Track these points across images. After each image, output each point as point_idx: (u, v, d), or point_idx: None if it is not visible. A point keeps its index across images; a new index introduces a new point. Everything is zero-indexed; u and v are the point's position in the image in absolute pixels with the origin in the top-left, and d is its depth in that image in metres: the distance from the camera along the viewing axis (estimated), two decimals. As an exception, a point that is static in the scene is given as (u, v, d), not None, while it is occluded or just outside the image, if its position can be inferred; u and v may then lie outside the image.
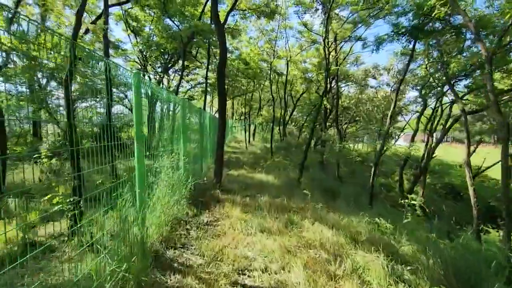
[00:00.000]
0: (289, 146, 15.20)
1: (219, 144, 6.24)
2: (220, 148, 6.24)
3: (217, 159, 6.28)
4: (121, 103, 12.24)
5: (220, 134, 6.23)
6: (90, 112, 4.26)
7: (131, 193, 2.92)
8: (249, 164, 11.47)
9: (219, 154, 6.24)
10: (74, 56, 2.64)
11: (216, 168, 6.27)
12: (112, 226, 2.66)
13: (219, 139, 6.24)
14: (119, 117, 7.10)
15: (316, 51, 18.40)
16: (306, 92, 22.45)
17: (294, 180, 7.85)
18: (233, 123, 32.32)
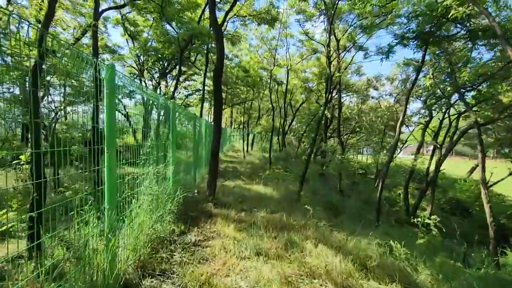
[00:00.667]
0: (288, 156, 14.70)
1: (213, 153, 5.73)
2: (214, 157, 5.73)
3: (211, 169, 5.76)
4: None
5: (214, 142, 5.73)
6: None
7: (98, 210, 2.40)
8: (246, 174, 10.93)
9: (213, 164, 5.72)
10: (46, 48, 2.18)
11: (210, 179, 5.74)
12: (67, 253, 2.12)
13: (213, 147, 5.73)
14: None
15: (317, 60, 18.17)
16: (306, 102, 22.15)
17: (294, 193, 7.31)
18: (231, 132, 31.89)
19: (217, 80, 5.74)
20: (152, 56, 12.43)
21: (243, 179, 9.95)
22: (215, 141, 5.74)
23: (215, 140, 5.73)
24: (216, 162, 5.76)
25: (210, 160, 5.76)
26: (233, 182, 9.02)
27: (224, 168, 12.38)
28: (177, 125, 4.83)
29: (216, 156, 5.76)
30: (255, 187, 8.15)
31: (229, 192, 7.17)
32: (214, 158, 5.74)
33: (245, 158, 17.82)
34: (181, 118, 8.46)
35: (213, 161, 5.72)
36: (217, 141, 5.74)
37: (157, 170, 3.98)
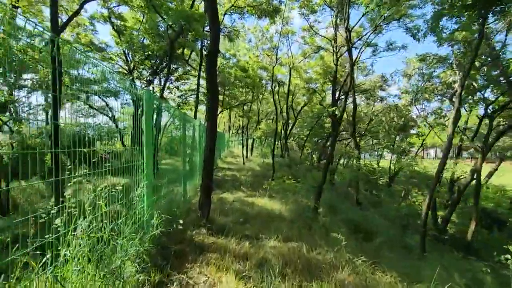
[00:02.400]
0: (292, 162, 13.35)
1: (206, 163, 4.37)
2: (207, 169, 4.37)
3: (204, 185, 4.39)
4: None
5: (208, 150, 4.38)
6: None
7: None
8: (247, 184, 9.56)
9: (206, 179, 4.36)
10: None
11: (203, 199, 4.37)
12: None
13: (206, 156, 4.38)
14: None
15: (320, 59, 16.96)
16: (308, 104, 20.89)
17: (307, 208, 5.95)
18: (229, 136, 30.55)
19: (211, 67, 4.42)
20: (140, 51, 11.13)
21: (243, 190, 8.57)
22: (209, 148, 4.39)
23: (208, 148, 4.39)
24: (209, 175, 4.40)
25: (203, 174, 4.41)
26: (232, 194, 7.64)
27: (222, 176, 11.00)
28: (151, 122, 3.47)
29: (210, 168, 4.41)
30: (260, 201, 6.77)
31: (227, 209, 5.79)
32: (207, 170, 4.38)
33: (244, 165, 16.43)
34: (170, 118, 7.13)
35: (206, 174, 4.37)
36: (210, 148, 4.40)
37: (117, 190, 2.63)
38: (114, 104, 15.49)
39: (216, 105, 4.53)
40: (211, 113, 4.48)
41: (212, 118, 4.47)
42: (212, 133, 4.41)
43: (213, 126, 4.44)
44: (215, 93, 4.48)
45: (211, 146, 4.40)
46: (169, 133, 11.47)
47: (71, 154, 2.24)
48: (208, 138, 4.39)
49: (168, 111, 5.76)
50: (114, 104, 14.65)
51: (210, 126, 4.43)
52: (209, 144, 4.38)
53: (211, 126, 4.43)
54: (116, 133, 10.16)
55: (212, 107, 4.45)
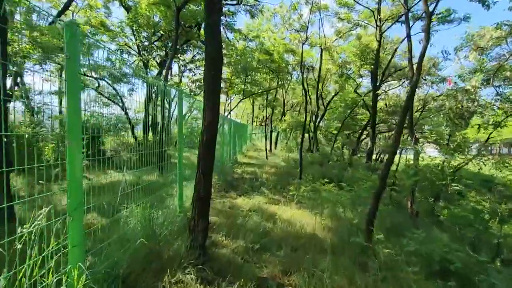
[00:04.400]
0: (325, 159, 11.43)
1: (203, 168, 2.73)
2: (203, 173, 2.72)
3: (197, 201, 2.75)
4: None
5: (205, 147, 2.73)
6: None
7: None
8: (269, 184, 7.91)
9: (203, 190, 2.71)
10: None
11: (195, 219, 2.74)
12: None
13: (203, 158, 2.73)
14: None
15: (356, 39, 14.62)
16: (340, 92, 18.58)
17: (353, 227, 4.17)
18: (252, 129, 29.02)
19: (212, 13, 2.75)
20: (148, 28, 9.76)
21: (264, 192, 6.93)
22: (207, 145, 2.75)
23: (206, 143, 2.75)
24: (206, 184, 2.75)
25: (196, 182, 2.78)
26: (250, 199, 6.02)
27: (241, 174, 9.43)
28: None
29: (207, 173, 2.76)
30: (285, 212, 5.08)
31: (240, 223, 4.18)
32: (203, 177, 2.73)
33: (267, 160, 14.80)
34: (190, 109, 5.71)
35: (200, 182, 2.72)
36: (208, 145, 2.76)
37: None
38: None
39: (218, 81, 2.85)
40: (210, 93, 2.82)
41: (212, 101, 2.81)
42: (211, 125, 2.75)
43: (213, 113, 2.78)
44: (216, 62, 2.81)
45: (210, 142, 2.76)
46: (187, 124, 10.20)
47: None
48: (206, 130, 2.74)
49: (189, 102, 4.34)
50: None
51: (209, 113, 2.78)
52: (207, 139, 2.74)
53: (211, 114, 2.77)
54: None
55: (213, 84, 2.79)
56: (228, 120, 12.34)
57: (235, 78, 15.73)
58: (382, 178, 3.55)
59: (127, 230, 3.28)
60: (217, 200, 5.62)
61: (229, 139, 11.41)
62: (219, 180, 7.07)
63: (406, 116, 3.72)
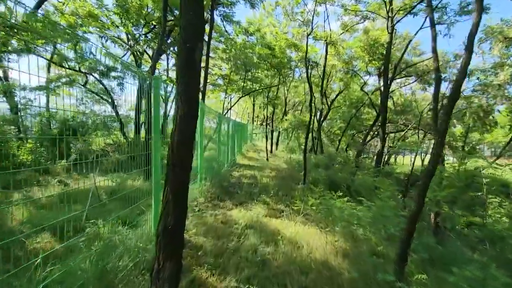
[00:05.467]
0: (331, 161, 10.52)
1: (174, 183, 1.85)
2: (175, 195, 1.85)
3: (166, 232, 1.85)
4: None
5: (178, 147, 1.87)
6: None
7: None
8: (270, 190, 7.03)
9: (170, 214, 1.83)
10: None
11: (162, 262, 1.85)
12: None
13: (175, 171, 1.85)
14: None
15: (364, 34, 13.71)
16: (345, 91, 17.68)
17: (379, 255, 3.30)
18: (253, 128, 28.14)
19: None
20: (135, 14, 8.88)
21: (265, 200, 6.07)
22: (180, 141, 1.88)
23: (178, 146, 1.88)
24: (179, 205, 1.87)
25: (163, 203, 1.90)
26: (246, 210, 5.15)
27: (238, 178, 8.55)
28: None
29: (180, 188, 1.88)
30: (288, 228, 4.21)
31: (233, 248, 3.31)
32: (174, 195, 1.86)
33: (268, 161, 13.91)
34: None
35: (169, 204, 1.85)
36: (184, 140, 1.88)
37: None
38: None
39: (195, 55, 1.97)
40: (185, 67, 1.94)
41: (188, 76, 1.94)
42: (188, 114, 1.88)
43: (190, 96, 1.91)
44: (196, 29, 1.95)
45: (186, 141, 1.89)
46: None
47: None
48: (180, 123, 1.87)
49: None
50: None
51: (185, 98, 1.90)
52: (181, 134, 1.87)
53: (187, 98, 1.90)
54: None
55: (189, 56, 1.92)
56: (226, 119, 11.47)
57: (234, 75, 14.87)
58: (419, 195, 2.67)
59: (77, 263, 2.42)
60: (209, 212, 4.75)
61: (227, 140, 10.54)
62: (213, 187, 6.19)
63: (453, 110, 2.82)
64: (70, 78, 10.96)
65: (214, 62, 14.92)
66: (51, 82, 11.22)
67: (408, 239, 2.68)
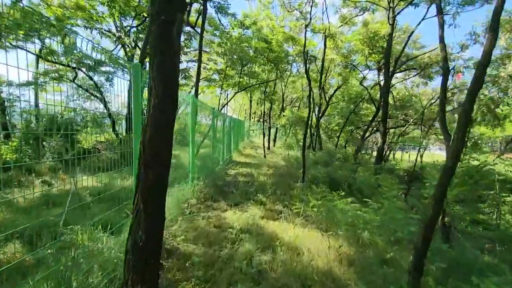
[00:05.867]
0: (331, 157, 10.17)
1: (145, 191, 1.49)
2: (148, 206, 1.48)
3: (138, 252, 1.49)
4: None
5: (152, 142, 1.50)
6: None
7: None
8: (268, 189, 6.69)
9: (143, 232, 1.47)
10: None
11: (131, 285, 1.50)
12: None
13: (148, 175, 1.49)
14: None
15: (363, 27, 13.33)
16: (343, 86, 17.32)
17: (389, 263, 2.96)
18: (249, 125, 27.76)
19: None
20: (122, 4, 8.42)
21: (262, 200, 5.72)
22: (156, 134, 1.51)
23: (149, 132, 1.51)
24: (154, 219, 1.51)
25: (133, 217, 1.54)
26: (242, 211, 4.80)
27: (234, 176, 8.20)
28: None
29: (155, 196, 1.52)
30: (288, 232, 3.87)
31: (223, 257, 2.96)
32: (146, 205, 1.49)
33: (265, 158, 13.56)
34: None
35: (140, 216, 1.48)
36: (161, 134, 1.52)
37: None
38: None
39: (175, 30, 1.60)
40: (164, 43, 1.57)
41: (167, 62, 1.57)
42: (164, 101, 1.52)
43: (165, 75, 1.54)
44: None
45: (163, 134, 1.53)
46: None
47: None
48: (153, 111, 1.51)
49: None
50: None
51: (158, 78, 1.54)
52: (154, 133, 1.51)
53: (161, 78, 1.53)
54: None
55: (166, 34, 1.55)
56: (222, 115, 11.08)
57: (230, 70, 14.44)
58: (437, 197, 2.33)
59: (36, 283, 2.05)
60: (201, 214, 4.39)
61: (223, 136, 10.17)
62: (207, 186, 5.83)
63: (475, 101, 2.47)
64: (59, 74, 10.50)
65: (209, 56, 14.47)
66: (39, 78, 10.76)
67: (424, 247, 2.35)
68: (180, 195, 4.50)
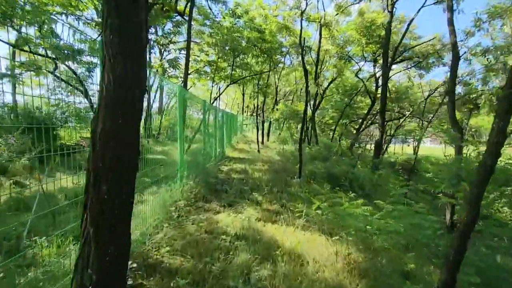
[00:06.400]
0: (329, 152, 9.76)
1: (96, 213, 1.04)
2: (100, 233, 1.03)
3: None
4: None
5: (105, 143, 1.05)
6: None
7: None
8: (263, 187, 6.27)
9: (95, 271, 1.02)
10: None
11: None
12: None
13: (93, 182, 1.04)
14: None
15: (359, 16, 12.89)
16: (338, 78, 16.91)
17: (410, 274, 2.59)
18: (243, 119, 27.23)
19: None
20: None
21: (257, 200, 5.30)
22: (111, 129, 1.04)
23: (101, 127, 1.04)
24: (113, 230, 1.06)
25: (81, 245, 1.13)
26: (236, 213, 4.37)
27: (227, 173, 7.74)
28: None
29: (115, 218, 1.06)
30: (288, 236, 3.45)
31: (214, 273, 2.53)
32: (99, 231, 1.03)
33: (260, 153, 13.13)
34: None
35: (87, 245, 1.02)
36: (114, 114, 1.05)
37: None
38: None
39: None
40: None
41: (129, 28, 1.09)
42: (124, 80, 1.06)
43: (128, 52, 1.08)
44: None
45: (122, 137, 1.07)
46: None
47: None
48: (107, 96, 1.04)
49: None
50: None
51: (117, 54, 1.06)
52: (109, 128, 1.05)
53: (121, 54, 1.06)
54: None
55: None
56: (214, 108, 10.56)
57: (222, 61, 13.84)
58: (473, 201, 1.94)
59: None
60: (191, 218, 3.94)
61: (215, 131, 9.67)
62: (198, 185, 5.36)
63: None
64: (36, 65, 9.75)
65: (201, 48, 13.82)
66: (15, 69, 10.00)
67: (457, 260, 1.96)
68: (167, 197, 4.03)
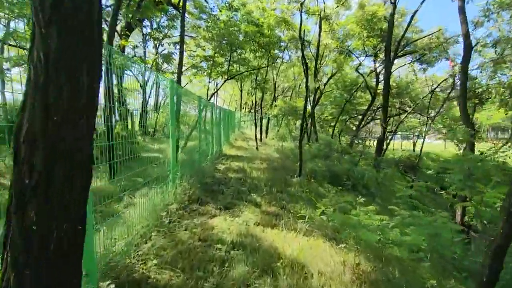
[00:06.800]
0: (330, 150, 9.43)
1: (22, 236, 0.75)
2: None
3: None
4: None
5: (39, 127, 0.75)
6: None
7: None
8: (262, 185, 5.98)
9: None
10: None
11: None
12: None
13: (17, 202, 0.75)
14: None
15: (359, 9, 12.53)
16: (338, 73, 16.58)
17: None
18: (241, 116, 26.84)
19: None
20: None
21: (256, 201, 5.00)
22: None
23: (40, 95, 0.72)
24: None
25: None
26: (233, 217, 4.06)
27: (225, 171, 7.43)
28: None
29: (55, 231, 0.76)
30: (289, 243, 3.15)
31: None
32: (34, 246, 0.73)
33: (258, 150, 12.82)
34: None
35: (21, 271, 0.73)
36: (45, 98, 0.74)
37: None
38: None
39: None
40: None
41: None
42: (68, 50, 0.74)
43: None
44: None
45: (65, 134, 0.75)
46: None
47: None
48: (36, 75, 0.72)
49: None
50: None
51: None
52: (40, 113, 0.73)
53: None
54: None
55: None
56: (211, 105, 10.22)
57: (219, 56, 13.46)
58: (509, 213, 1.64)
59: None
60: (184, 223, 3.63)
61: (212, 128, 9.35)
62: (192, 186, 5.05)
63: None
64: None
65: (197, 42, 13.42)
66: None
67: (492, 279, 1.66)
68: (158, 200, 3.72)
